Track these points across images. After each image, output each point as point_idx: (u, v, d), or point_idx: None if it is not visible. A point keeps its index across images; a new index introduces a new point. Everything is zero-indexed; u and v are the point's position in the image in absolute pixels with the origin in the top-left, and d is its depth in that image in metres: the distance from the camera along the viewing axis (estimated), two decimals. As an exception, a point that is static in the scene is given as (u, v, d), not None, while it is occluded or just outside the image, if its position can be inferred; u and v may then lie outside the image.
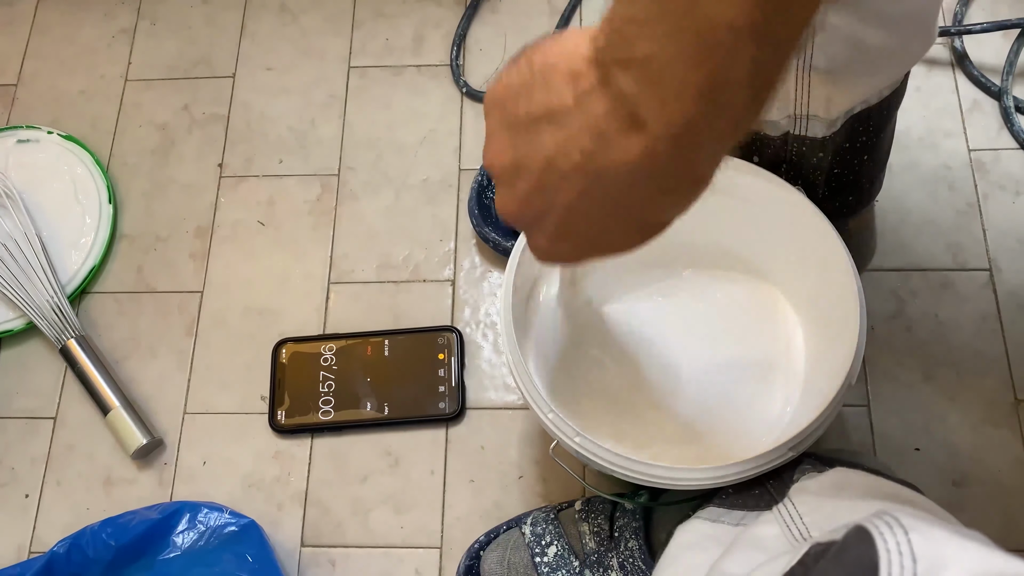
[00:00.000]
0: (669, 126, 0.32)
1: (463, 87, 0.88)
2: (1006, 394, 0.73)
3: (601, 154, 0.34)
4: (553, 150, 0.35)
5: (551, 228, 0.39)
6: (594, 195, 0.36)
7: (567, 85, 0.34)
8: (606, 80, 0.33)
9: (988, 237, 0.78)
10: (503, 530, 0.69)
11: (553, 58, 0.35)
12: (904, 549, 0.32)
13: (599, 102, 0.33)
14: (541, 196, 0.37)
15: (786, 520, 0.48)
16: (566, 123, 0.35)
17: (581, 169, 0.35)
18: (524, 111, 0.36)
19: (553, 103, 0.35)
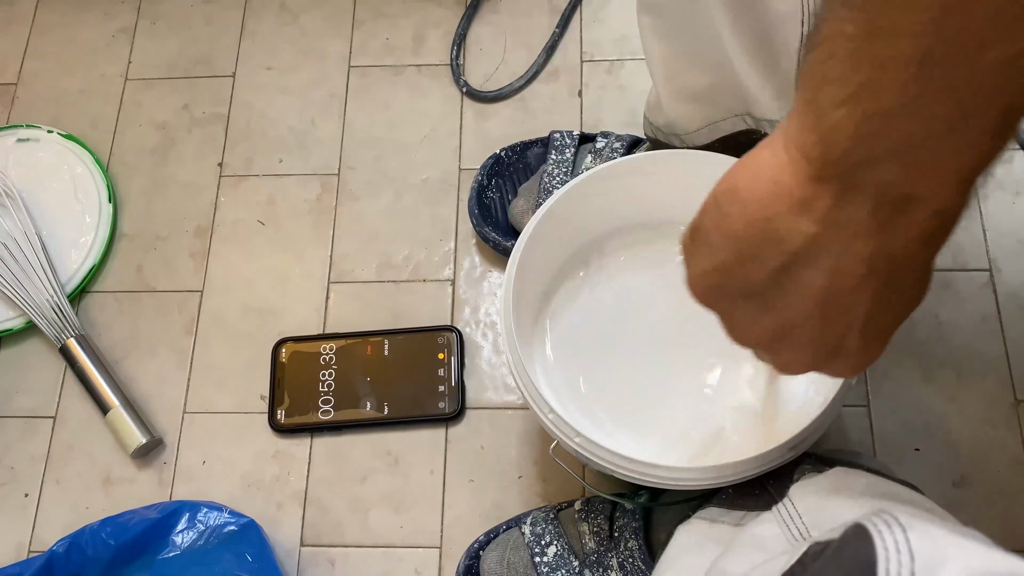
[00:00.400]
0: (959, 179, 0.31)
1: (463, 87, 0.88)
2: (1006, 394, 0.73)
3: (887, 246, 0.32)
4: (825, 282, 0.33)
5: (857, 343, 0.36)
6: (892, 284, 0.34)
7: (799, 219, 0.32)
8: (853, 184, 0.31)
9: (988, 237, 0.78)
10: (503, 530, 0.69)
11: (758, 211, 0.33)
12: (902, 547, 0.32)
13: (856, 208, 0.31)
14: (831, 326, 0.35)
15: (785, 520, 0.48)
16: (823, 250, 0.33)
17: (870, 274, 0.33)
18: (762, 275, 0.34)
19: (795, 245, 0.33)
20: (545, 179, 0.76)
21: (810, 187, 0.31)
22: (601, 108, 0.86)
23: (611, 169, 0.64)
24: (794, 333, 0.36)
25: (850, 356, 0.37)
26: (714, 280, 0.36)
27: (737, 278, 0.35)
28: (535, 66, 0.88)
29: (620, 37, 0.89)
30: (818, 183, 0.31)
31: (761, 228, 0.33)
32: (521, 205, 0.77)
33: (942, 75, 0.28)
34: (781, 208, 0.32)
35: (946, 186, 0.31)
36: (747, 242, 0.33)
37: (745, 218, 0.33)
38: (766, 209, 0.32)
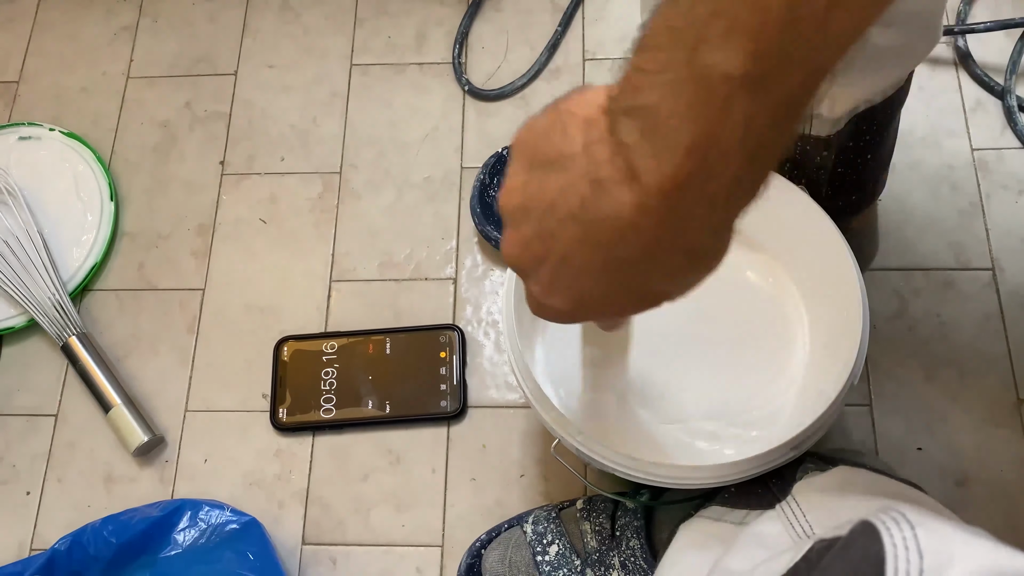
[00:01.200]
0: (661, 180, 0.32)
1: (465, 85, 0.88)
2: (1008, 394, 0.73)
3: (596, 202, 0.34)
4: (556, 194, 0.35)
5: (546, 277, 0.38)
6: (587, 246, 0.35)
7: (580, 131, 0.34)
8: (613, 128, 0.33)
9: (991, 237, 0.78)
10: (504, 529, 0.69)
11: (575, 106, 0.35)
12: (911, 544, 0.32)
13: (603, 149, 0.33)
14: (540, 241, 0.37)
15: (789, 517, 0.48)
16: (571, 168, 0.35)
17: (577, 216, 0.35)
18: (540, 154, 0.36)
19: (564, 148, 0.35)
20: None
21: (598, 111, 0.34)
22: (603, 107, 0.86)
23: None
24: (522, 220, 0.38)
25: (536, 284, 0.39)
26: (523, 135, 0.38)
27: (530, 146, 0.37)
28: (537, 64, 0.88)
29: (622, 36, 0.89)
30: (602, 112, 0.34)
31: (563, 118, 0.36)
32: (523, 204, 0.77)
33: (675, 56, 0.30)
34: (580, 112, 0.35)
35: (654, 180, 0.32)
36: (552, 121, 0.36)
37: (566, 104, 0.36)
38: (575, 107, 0.36)
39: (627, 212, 0.33)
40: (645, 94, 0.31)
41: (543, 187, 0.36)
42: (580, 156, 0.34)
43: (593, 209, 0.34)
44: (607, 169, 0.33)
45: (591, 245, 0.35)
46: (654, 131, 0.31)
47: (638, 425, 0.64)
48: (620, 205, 0.33)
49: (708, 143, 0.30)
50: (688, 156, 0.31)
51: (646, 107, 0.31)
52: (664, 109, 0.30)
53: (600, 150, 0.33)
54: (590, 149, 0.34)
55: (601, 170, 0.33)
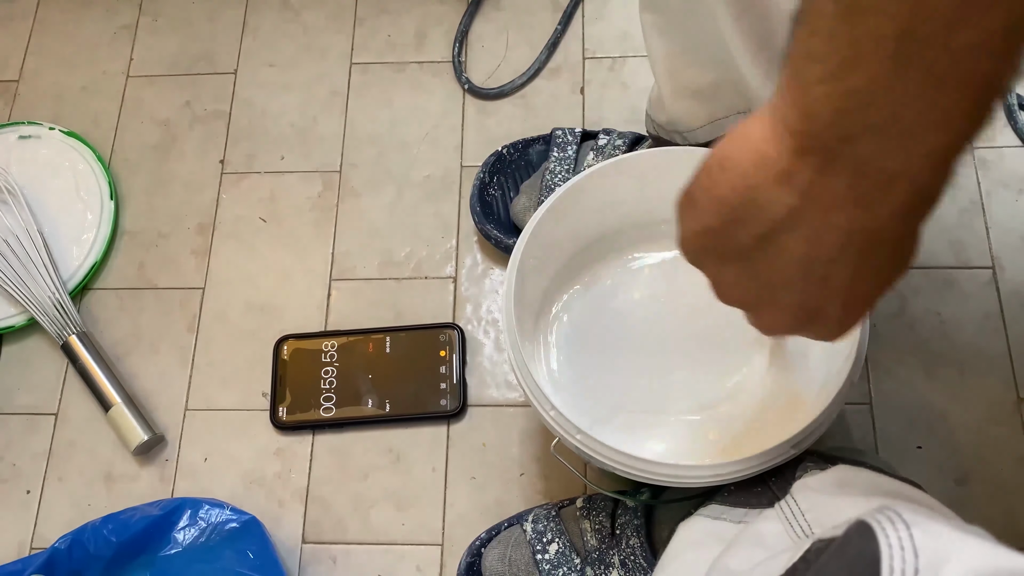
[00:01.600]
0: (931, 159, 0.31)
1: (465, 84, 0.88)
2: (1008, 392, 0.73)
3: (864, 219, 0.33)
4: (805, 250, 0.34)
5: (837, 310, 0.38)
6: (868, 254, 0.35)
7: (781, 190, 0.33)
8: (832, 158, 0.32)
9: (991, 235, 0.78)
10: (504, 527, 0.69)
11: (743, 179, 0.34)
12: (906, 544, 0.32)
13: (835, 181, 0.32)
14: (812, 294, 0.37)
15: (788, 517, 0.48)
16: (803, 220, 0.34)
17: (848, 245, 0.34)
18: (745, 239, 0.35)
19: (776, 214, 0.34)
20: (547, 176, 0.76)
21: (792, 160, 0.33)
22: (603, 105, 0.86)
23: (613, 166, 0.64)
24: (775, 296, 0.37)
25: (830, 321, 0.39)
26: (701, 242, 0.37)
27: (722, 241, 0.36)
28: (537, 63, 0.88)
29: (622, 34, 0.89)
30: (799, 156, 0.32)
31: (745, 196, 0.34)
32: (523, 202, 0.77)
33: (918, 54, 0.28)
34: (764, 178, 0.33)
35: (923, 163, 0.31)
36: (732, 208, 0.35)
37: (731, 185, 0.34)
38: (750, 178, 0.34)
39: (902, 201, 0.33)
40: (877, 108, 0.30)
41: (778, 259, 0.35)
42: (805, 206, 0.33)
43: (865, 224, 0.33)
44: (854, 191, 0.32)
45: (875, 251, 0.35)
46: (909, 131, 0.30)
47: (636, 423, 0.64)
48: (892, 203, 0.33)
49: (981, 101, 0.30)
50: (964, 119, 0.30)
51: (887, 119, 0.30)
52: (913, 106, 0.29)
53: (829, 184, 0.32)
54: (813, 192, 0.33)
55: (848, 196, 0.32)
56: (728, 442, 0.63)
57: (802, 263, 0.35)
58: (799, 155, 0.32)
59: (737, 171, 0.34)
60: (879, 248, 0.35)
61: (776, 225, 0.34)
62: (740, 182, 0.34)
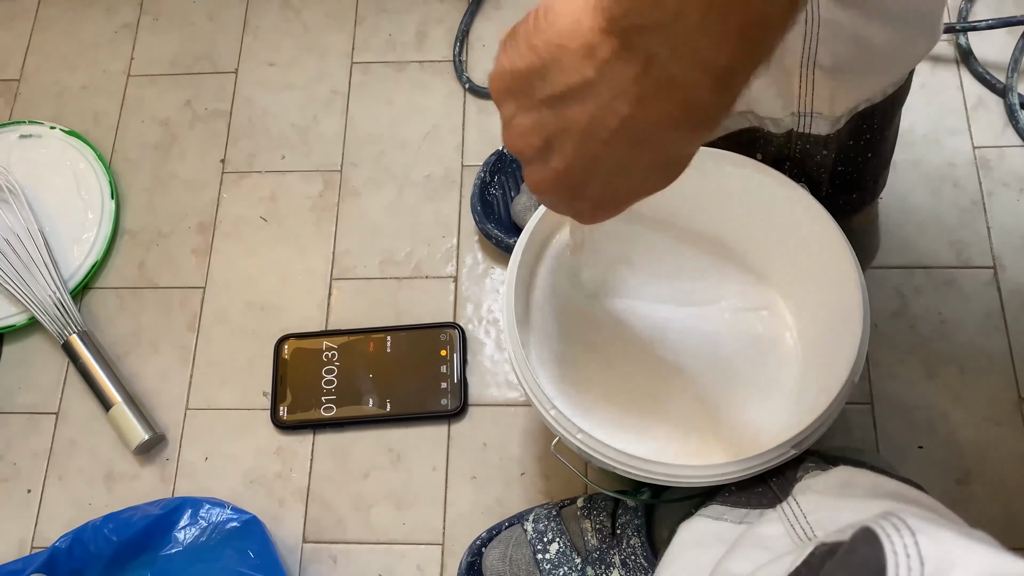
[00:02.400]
0: (708, 76, 0.33)
1: (466, 83, 0.88)
2: (1009, 392, 0.73)
3: (640, 115, 0.35)
4: (586, 121, 0.36)
5: (595, 192, 0.40)
6: (636, 151, 0.37)
7: (584, 59, 0.35)
8: (629, 46, 0.33)
9: (992, 234, 0.78)
10: (505, 527, 0.69)
11: (556, 37, 0.35)
12: (911, 551, 0.32)
13: (626, 68, 0.34)
14: (581, 166, 0.38)
15: (790, 519, 0.48)
16: (593, 94, 0.35)
17: (621, 132, 0.36)
18: (543, 93, 0.37)
19: (573, 79, 0.35)
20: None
21: (597, 35, 0.34)
22: (604, 104, 0.86)
23: (614, 166, 0.64)
24: (549, 155, 0.39)
25: (588, 201, 0.41)
26: (507, 82, 0.39)
27: (523, 87, 0.38)
28: (538, 62, 0.88)
29: (623, 33, 0.89)
30: (604, 34, 0.34)
31: (553, 53, 0.36)
32: (524, 202, 0.77)
33: None
34: (573, 43, 0.35)
35: (699, 78, 0.33)
36: (540, 59, 0.36)
37: (545, 39, 0.36)
38: (562, 38, 0.35)
39: (678, 111, 0.34)
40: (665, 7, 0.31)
41: (564, 120, 0.37)
42: (598, 81, 0.35)
43: (640, 119, 0.35)
44: (641, 83, 0.34)
45: (641, 148, 0.36)
46: (690, 37, 0.32)
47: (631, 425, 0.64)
48: (668, 107, 0.34)
49: (758, 25, 0.31)
50: (736, 46, 0.32)
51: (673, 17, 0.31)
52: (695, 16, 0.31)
53: (622, 69, 0.34)
54: (607, 72, 0.34)
55: (633, 86, 0.34)
56: (729, 442, 0.63)
57: (580, 134, 0.37)
58: (604, 33, 0.34)
59: (555, 28, 0.36)
60: (648, 147, 0.37)
61: (569, 90, 0.36)
62: (553, 39, 0.36)
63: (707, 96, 0.34)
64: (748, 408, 0.63)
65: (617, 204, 0.42)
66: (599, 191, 0.40)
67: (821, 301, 0.63)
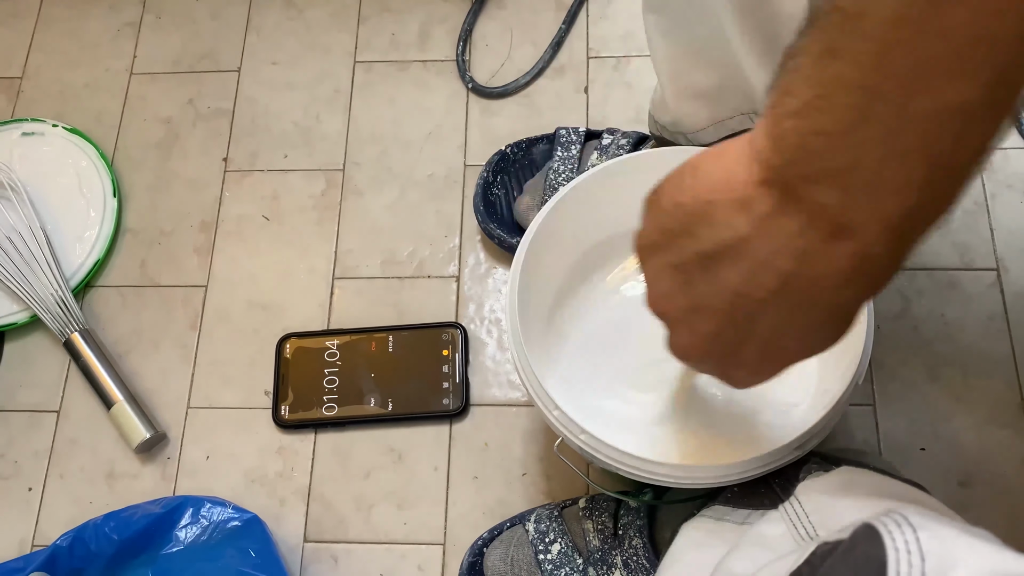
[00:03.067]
0: (885, 227, 0.31)
1: (469, 83, 0.88)
2: (1012, 394, 0.73)
3: (805, 271, 0.33)
4: (740, 283, 0.34)
5: (753, 356, 0.37)
6: (800, 311, 0.34)
7: (737, 215, 0.33)
8: (793, 197, 0.32)
9: (995, 237, 0.78)
10: (507, 527, 0.69)
11: (707, 193, 0.34)
12: (912, 547, 0.32)
13: (789, 222, 0.32)
14: (734, 330, 0.36)
15: (792, 519, 0.48)
16: (748, 253, 0.33)
17: (781, 292, 0.34)
18: (691, 251, 0.35)
19: (725, 237, 0.34)
20: (551, 176, 0.76)
21: (754, 188, 0.33)
22: (607, 105, 0.86)
23: (617, 166, 0.64)
24: (697, 319, 0.37)
25: (743, 367, 0.38)
26: (652, 239, 0.37)
27: (669, 246, 0.36)
28: (541, 62, 0.88)
29: (626, 33, 0.89)
30: (762, 186, 0.32)
31: (703, 209, 0.34)
32: (526, 202, 0.77)
33: (880, 109, 0.28)
34: (725, 197, 0.33)
35: (875, 228, 0.31)
36: (688, 216, 0.35)
37: (694, 194, 0.35)
38: (713, 193, 0.34)
39: (848, 265, 0.32)
40: (839, 155, 0.30)
41: (714, 282, 0.35)
42: (754, 238, 0.33)
43: (804, 277, 0.33)
44: (806, 238, 0.32)
45: (805, 308, 0.34)
46: (867, 185, 0.30)
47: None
48: (838, 262, 0.32)
49: (941, 173, 0.30)
50: (918, 193, 0.30)
51: (847, 166, 0.30)
52: (873, 162, 0.29)
53: (784, 223, 0.32)
54: (766, 227, 0.33)
55: (797, 241, 0.32)
56: (732, 444, 0.62)
57: (733, 295, 0.35)
58: (762, 185, 0.32)
59: (704, 183, 0.34)
60: (811, 307, 0.34)
61: (721, 248, 0.34)
62: (703, 194, 0.34)
63: (882, 250, 0.32)
64: (751, 409, 0.63)
65: (778, 366, 0.38)
66: (757, 356, 0.37)
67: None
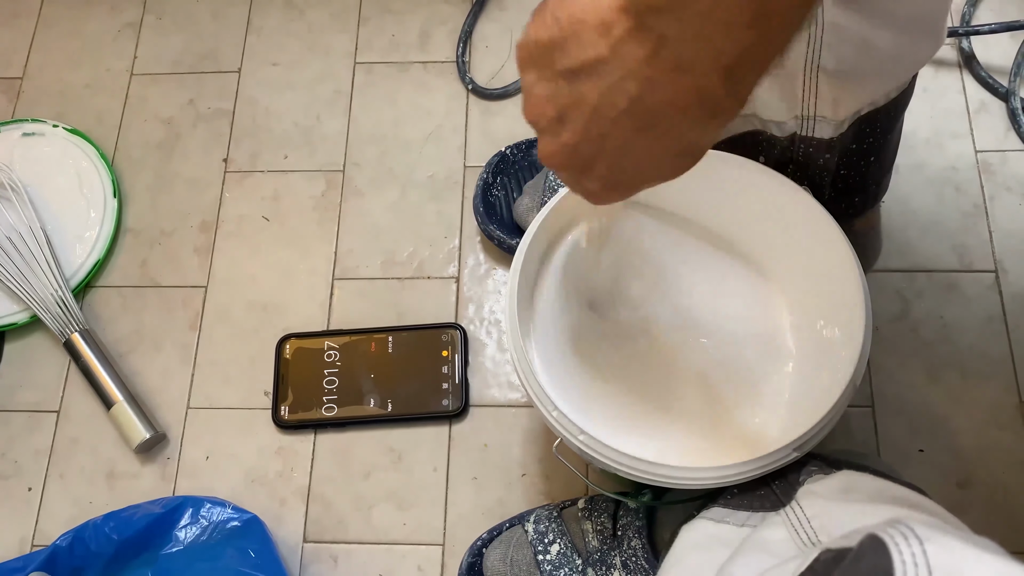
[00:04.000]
0: (719, 62, 0.33)
1: (469, 84, 0.88)
2: (1011, 396, 0.73)
3: (649, 97, 0.35)
4: (597, 99, 0.36)
5: (603, 171, 0.40)
6: (644, 134, 0.37)
7: (600, 36, 0.35)
8: (642, 26, 0.34)
9: (994, 239, 0.78)
10: (506, 528, 0.69)
11: (579, 11, 0.36)
12: (920, 560, 0.32)
13: (638, 48, 0.34)
14: (589, 143, 0.38)
15: (794, 524, 0.48)
16: (606, 72, 0.36)
17: (629, 113, 0.36)
18: (560, 65, 0.37)
19: (588, 55, 0.36)
20: (550, 177, 0.76)
21: (616, 12, 0.34)
22: (607, 106, 0.86)
23: (617, 168, 0.64)
24: (562, 127, 0.39)
25: (595, 181, 0.41)
26: (530, 51, 0.39)
27: (544, 58, 0.38)
28: (541, 64, 0.88)
29: (626, 35, 0.89)
30: (621, 12, 0.34)
31: (573, 27, 0.36)
32: (526, 203, 0.77)
33: None
34: (591, 18, 0.35)
35: (709, 66, 0.33)
36: (561, 32, 0.37)
37: (569, 12, 0.36)
38: (584, 12, 0.36)
39: (686, 97, 0.34)
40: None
41: (577, 95, 0.37)
42: (611, 59, 0.35)
43: (647, 102, 0.35)
44: (651, 65, 0.34)
45: (648, 131, 0.37)
46: (701, 21, 0.32)
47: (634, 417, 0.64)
48: (677, 93, 0.34)
49: (767, 13, 0.31)
50: (746, 32, 0.32)
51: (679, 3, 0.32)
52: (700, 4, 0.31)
53: (634, 49, 0.34)
54: (620, 50, 0.35)
55: (644, 68, 0.34)
56: (731, 445, 0.63)
57: (591, 110, 0.37)
58: (620, 11, 0.34)
59: (574, 3, 0.36)
60: (655, 132, 0.37)
61: (583, 65, 0.36)
62: (576, 12, 0.36)
63: (717, 86, 0.34)
64: (750, 410, 0.63)
65: (625, 187, 0.41)
66: (607, 171, 0.40)
67: (823, 304, 0.64)
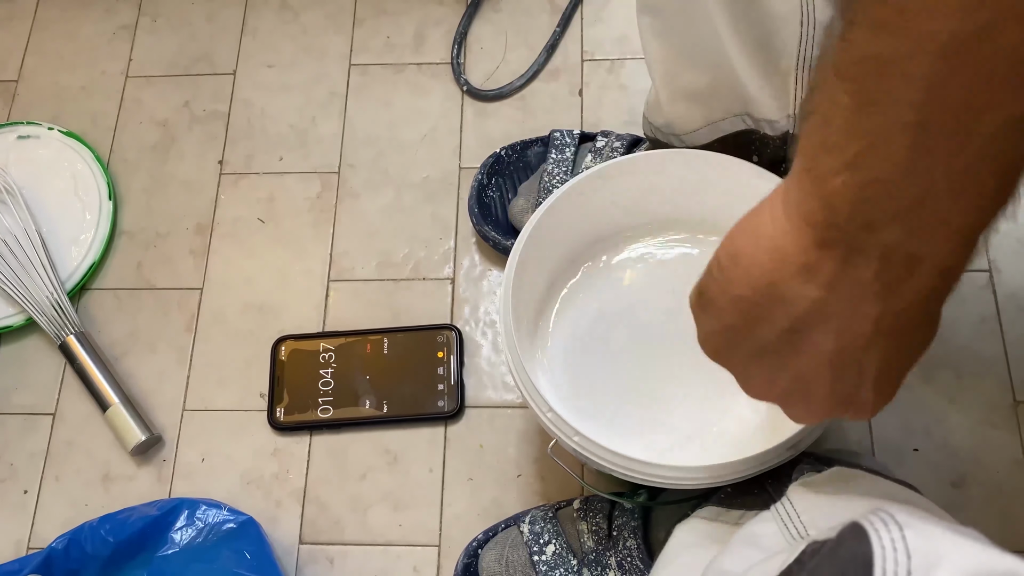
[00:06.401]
0: (960, 240, 0.31)
1: (464, 85, 0.88)
2: (1005, 395, 0.73)
3: (892, 305, 0.33)
4: (835, 342, 0.34)
5: (870, 395, 0.38)
6: (898, 338, 0.35)
7: (806, 284, 0.33)
8: (858, 248, 0.31)
9: (988, 238, 0.78)
10: (501, 528, 0.69)
11: (762, 276, 0.33)
12: (899, 545, 0.32)
13: (861, 271, 0.32)
14: (844, 382, 0.36)
15: (783, 518, 0.48)
16: (831, 313, 0.33)
17: (878, 331, 0.34)
18: (770, 336, 0.35)
19: (802, 308, 0.33)
20: (545, 178, 0.76)
21: (814, 252, 0.32)
22: (601, 107, 0.86)
23: (611, 168, 0.64)
24: (807, 389, 0.37)
25: (864, 404, 0.38)
26: (723, 341, 0.37)
27: (747, 339, 0.36)
28: (536, 65, 0.88)
29: (621, 36, 0.89)
30: (821, 248, 0.32)
31: (766, 293, 0.34)
32: (521, 204, 0.77)
33: (939, 141, 0.28)
34: (785, 274, 0.33)
35: (950, 245, 0.31)
36: (753, 306, 0.34)
37: (749, 283, 0.34)
38: (770, 275, 0.33)
39: (930, 284, 0.33)
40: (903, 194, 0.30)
41: (807, 351, 0.35)
42: (833, 297, 0.33)
43: (894, 308, 0.33)
44: (882, 278, 0.32)
45: (904, 331, 0.35)
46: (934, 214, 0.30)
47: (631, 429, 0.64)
48: (920, 285, 0.33)
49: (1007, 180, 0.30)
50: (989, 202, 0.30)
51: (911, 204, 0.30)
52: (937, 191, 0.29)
53: (856, 273, 0.32)
54: (839, 283, 0.32)
55: (876, 285, 0.32)
56: (725, 444, 0.63)
57: (832, 355, 0.35)
58: (821, 247, 0.32)
59: (754, 267, 0.34)
60: (907, 330, 0.35)
61: (802, 320, 0.34)
62: (760, 279, 0.34)
63: (957, 257, 0.32)
64: (744, 410, 0.64)
65: (892, 387, 0.38)
66: (871, 391, 0.37)
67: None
